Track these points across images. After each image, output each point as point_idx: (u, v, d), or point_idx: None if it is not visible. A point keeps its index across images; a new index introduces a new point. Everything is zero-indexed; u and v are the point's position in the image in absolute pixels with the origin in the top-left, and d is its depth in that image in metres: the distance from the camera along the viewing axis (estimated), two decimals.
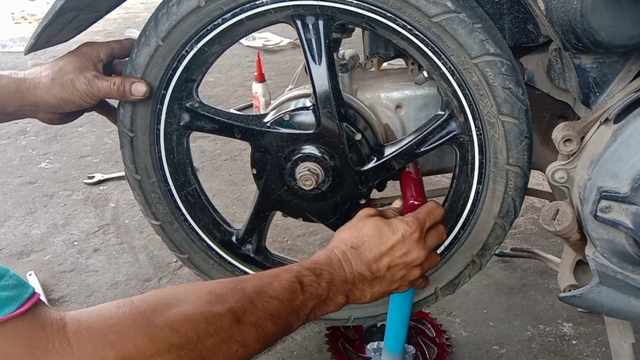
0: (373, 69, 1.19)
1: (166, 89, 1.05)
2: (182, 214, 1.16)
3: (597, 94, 0.93)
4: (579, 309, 1.46)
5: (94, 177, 2.25)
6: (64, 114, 1.09)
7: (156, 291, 0.71)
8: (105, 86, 1.01)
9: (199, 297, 0.70)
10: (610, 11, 0.80)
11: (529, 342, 1.41)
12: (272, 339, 0.76)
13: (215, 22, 0.99)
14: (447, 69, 0.97)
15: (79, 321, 0.61)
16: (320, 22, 0.99)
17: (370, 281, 0.90)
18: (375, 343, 1.36)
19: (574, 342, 1.40)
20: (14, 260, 1.77)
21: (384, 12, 0.94)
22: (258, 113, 2.41)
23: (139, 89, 1.02)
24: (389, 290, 0.92)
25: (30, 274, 1.68)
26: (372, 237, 0.90)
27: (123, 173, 1.43)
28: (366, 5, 0.94)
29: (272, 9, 0.97)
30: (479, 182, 1.05)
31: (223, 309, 0.70)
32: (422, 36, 0.95)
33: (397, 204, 1.04)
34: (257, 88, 2.52)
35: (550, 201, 1.06)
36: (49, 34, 1.05)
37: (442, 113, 1.04)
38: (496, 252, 1.17)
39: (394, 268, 0.90)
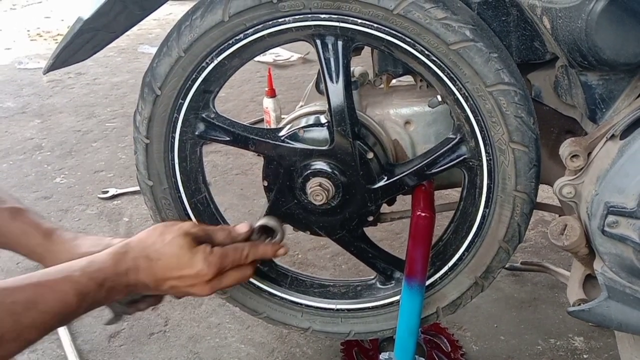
0: (382, 85, 1.21)
1: (184, 98, 1.08)
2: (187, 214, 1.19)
3: (604, 110, 0.94)
4: (590, 323, 1.46)
5: (108, 191, 2.29)
6: None
7: None
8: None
9: None
10: (615, 30, 0.82)
11: (539, 356, 1.41)
12: (34, 343, 0.77)
13: (237, 37, 1.02)
14: (461, 95, 0.99)
15: None
16: (340, 43, 1.02)
17: (151, 290, 0.93)
18: (387, 353, 1.37)
19: (585, 356, 1.40)
20: None
21: (403, 36, 0.97)
22: (269, 127, 2.44)
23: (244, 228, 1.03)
24: (163, 294, 0.99)
25: None
26: (169, 259, 0.91)
27: (137, 188, 1.46)
28: (386, 29, 0.97)
29: (294, 27, 1.00)
30: (486, 206, 1.06)
31: None
32: (439, 62, 0.97)
33: (242, 228, 1.03)
34: (268, 103, 2.55)
35: (560, 215, 1.07)
36: (67, 54, 1.08)
37: (454, 137, 1.06)
38: (506, 266, 1.18)
39: (177, 289, 0.94)
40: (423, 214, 1.05)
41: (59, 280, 0.81)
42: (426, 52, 0.97)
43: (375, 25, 0.97)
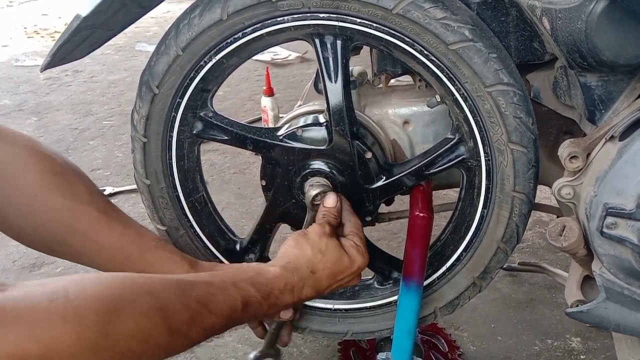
0: (381, 85, 1.21)
1: (182, 97, 1.07)
2: (189, 221, 1.18)
3: (603, 112, 0.94)
4: (587, 324, 1.46)
5: (105, 190, 2.28)
6: None
7: (97, 283, 0.66)
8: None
9: (141, 302, 0.67)
10: (615, 31, 0.81)
11: (537, 357, 1.41)
12: (196, 344, 0.76)
13: (236, 36, 1.02)
14: (460, 95, 0.98)
15: (4, 311, 0.58)
16: (339, 42, 1.01)
17: (312, 298, 0.95)
18: (385, 354, 1.37)
19: (582, 357, 1.40)
20: (26, 273, 1.79)
21: (402, 36, 0.96)
22: (267, 126, 2.44)
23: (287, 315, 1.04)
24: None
25: None
26: (333, 265, 0.93)
27: (134, 186, 1.45)
28: (385, 29, 0.96)
29: (293, 26, 1.00)
30: (484, 207, 1.06)
31: (159, 318, 0.68)
32: (438, 62, 0.97)
33: (332, 202, 1.03)
34: (265, 102, 2.55)
35: (558, 216, 1.07)
36: (64, 52, 1.08)
37: (452, 137, 1.05)
38: (504, 266, 1.18)
39: (334, 288, 0.97)
40: (421, 214, 1.05)
41: (228, 284, 0.80)
42: (425, 51, 0.97)
43: (374, 24, 0.97)
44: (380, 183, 1.09)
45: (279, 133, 1.10)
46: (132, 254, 1.01)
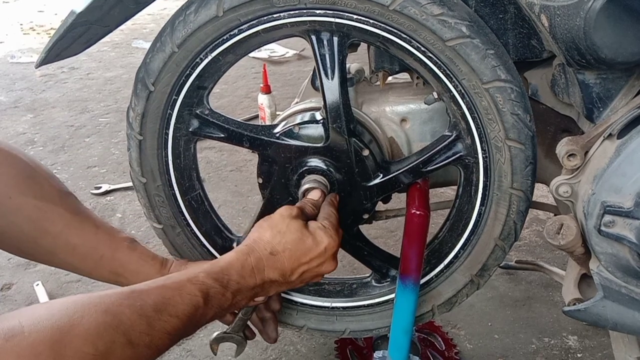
0: (378, 82, 1.20)
1: (178, 94, 1.07)
2: (185, 219, 1.18)
3: (601, 109, 0.93)
4: (584, 323, 1.46)
5: (100, 187, 2.27)
6: None
7: (49, 313, 0.64)
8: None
9: (96, 323, 0.66)
10: (613, 29, 0.81)
11: (534, 355, 1.41)
12: (165, 350, 0.74)
13: (232, 33, 1.01)
14: (457, 92, 0.98)
15: None
16: (335, 39, 1.01)
17: (279, 285, 0.92)
18: (381, 352, 1.36)
19: (579, 355, 1.40)
20: (21, 270, 1.78)
21: (399, 33, 0.96)
22: (264, 124, 2.43)
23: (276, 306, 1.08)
24: (290, 288, 0.97)
25: (38, 284, 1.69)
26: (294, 246, 0.91)
27: (130, 183, 1.45)
28: (382, 25, 0.96)
29: (289, 23, 0.99)
30: (482, 204, 1.06)
31: (117, 334, 0.67)
32: (435, 59, 0.96)
33: (315, 195, 1.03)
34: (262, 99, 2.54)
35: (556, 214, 1.07)
36: (59, 48, 1.07)
37: (449, 134, 1.05)
38: (501, 264, 1.17)
39: (306, 274, 0.94)
40: (418, 212, 1.05)
41: (184, 282, 0.79)
42: (422, 48, 0.96)
43: (371, 21, 0.96)
44: (377, 181, 1.09)
45: (276, 130, 1.10)
46: (105, 254, 1.01)
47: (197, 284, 0.79)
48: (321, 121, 1.07)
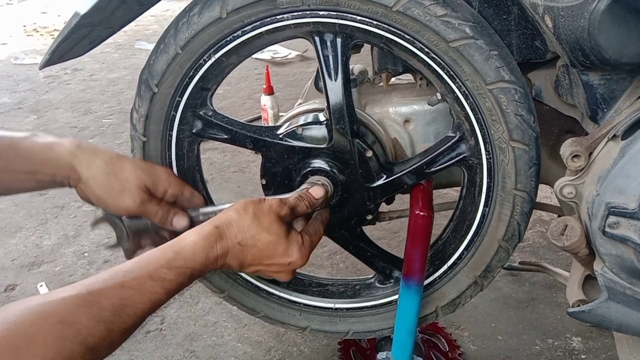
0: (382, 84, 1.20)
1: (181, 96, 1.07)
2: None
3: (605, 110, 0.93)
4: (588, 324, 1.46)
5: None
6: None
7: (4, 327, 0.63)
8: (152, 210, 1.00)
9: (52, 337, 0.64)
10: (618, 29, 0.81)
11: (537, 356, 1.40)
12: (122, 343, 0.73)
13: (235, 34, 1.01)
14: (461, 93, 0.98)
15: None
16: (339, 40, 1.01)
17: (235, 270, 0.91)
18: (385, 353, 1.36)
19: (583, 356, 1.40)
20: (25, 271, 1.79)
21: (403, 34, 0.96)
22: (267, 125, 2.43)
23: (181, 222, 1.01)
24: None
25: (41, 285, 1.70)
26: (264, 247, 0.88)
27: None
28: (386, 26, 0.96)
29: (292, 24, 0.99)
30: (485, 205, 1.06)
31: (74, 345, 0.65)
32: (438, 60, 0.96)
33: (317, 193, 1.00)
34: (265, 100, 2.54)
35: (559, 215, 1.07)
36: (63, 50, 1.07)
37: (453, 135, 1.05)
38: (504, 265, 1.17)
39: (259, 272, 0.92)
40: (422, 213, 1.05)
41: (146, 279, 0.75)
42: (426, 49, 0.96)
43: (375, 22, 0.96)
44: (380, 182, 1.08)
45: (279, 132, 1.10)
46: (9, 157, 0.94)
47: (158, 280, 0.76)
48: (324, 122, 1.07)
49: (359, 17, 0.96)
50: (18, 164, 0.94)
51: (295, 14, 0.98)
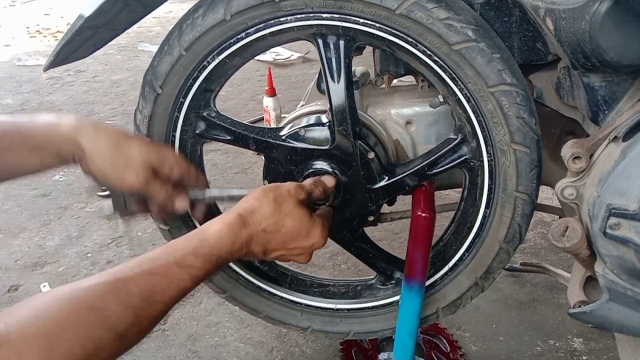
0: (383, 85, 1.21)
1: (185, 97, 1.08)
2: (191, 220, 1.18)
3: (606, 112, 0.93)
4: (590, 325, 1.46)
5: (107, 190, 2.27)
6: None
7: (35, 315, 0.63)
8: (155, 189, 0.99)
9: (83, 323, 0.65)
10: (619, 31, 0.81)
11: (539, 358, 1.41)
12: (150, 331, 0.74)
13: (239, 36, 1.02)
14: (463, 95, 0.98)
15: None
16: (342, 42, 1.02)
17: (253, 255, 0.90)
18: (386, 353, 1.37)
19: (584, 357, 1.40)
20: (28, 272, 1.80)
21: (405, 36, 0.96)
22: (269, 126, 2.44)
23: (183, 203, 1.02)
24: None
25: (45, 286, 1.71)
26: (288, 231, 0.88)
27: None
28: (388, 29, 0.96)
29: (296, 26, 1.00)
30: (486, 207, 1.06)
31: (104, 330, 0.66)
32: (441, 62, 0.97)
33: (330, 181, 1.03)
34: (267, 102, 2.55)
35: (561, 217, 1.07)
36: (67, 52, 1.08)
37: (455, 137, 1.05)
38: (506, 267, 1.17)
39: (281, 257, 0.92)
40: (423, 215, 1.05)
41: (171, 265, 0.76)
42: (428, 52, 0.97)
43: (377, 24, 0.97)
44: (382, 183, 1.09)
45: (282, 133, 1.10)
46: (13, 140, 0.92)
47: (184, 267, 0.77)
48: (327, 124, 1.08)
49: (361, 20, 0.97)
50: (22, 143, 0.93)
51: (298, 16, 0.99)
